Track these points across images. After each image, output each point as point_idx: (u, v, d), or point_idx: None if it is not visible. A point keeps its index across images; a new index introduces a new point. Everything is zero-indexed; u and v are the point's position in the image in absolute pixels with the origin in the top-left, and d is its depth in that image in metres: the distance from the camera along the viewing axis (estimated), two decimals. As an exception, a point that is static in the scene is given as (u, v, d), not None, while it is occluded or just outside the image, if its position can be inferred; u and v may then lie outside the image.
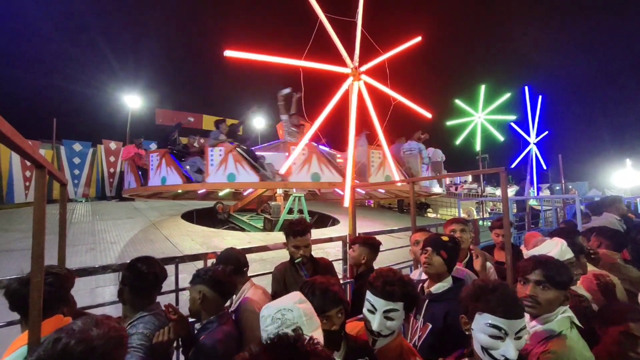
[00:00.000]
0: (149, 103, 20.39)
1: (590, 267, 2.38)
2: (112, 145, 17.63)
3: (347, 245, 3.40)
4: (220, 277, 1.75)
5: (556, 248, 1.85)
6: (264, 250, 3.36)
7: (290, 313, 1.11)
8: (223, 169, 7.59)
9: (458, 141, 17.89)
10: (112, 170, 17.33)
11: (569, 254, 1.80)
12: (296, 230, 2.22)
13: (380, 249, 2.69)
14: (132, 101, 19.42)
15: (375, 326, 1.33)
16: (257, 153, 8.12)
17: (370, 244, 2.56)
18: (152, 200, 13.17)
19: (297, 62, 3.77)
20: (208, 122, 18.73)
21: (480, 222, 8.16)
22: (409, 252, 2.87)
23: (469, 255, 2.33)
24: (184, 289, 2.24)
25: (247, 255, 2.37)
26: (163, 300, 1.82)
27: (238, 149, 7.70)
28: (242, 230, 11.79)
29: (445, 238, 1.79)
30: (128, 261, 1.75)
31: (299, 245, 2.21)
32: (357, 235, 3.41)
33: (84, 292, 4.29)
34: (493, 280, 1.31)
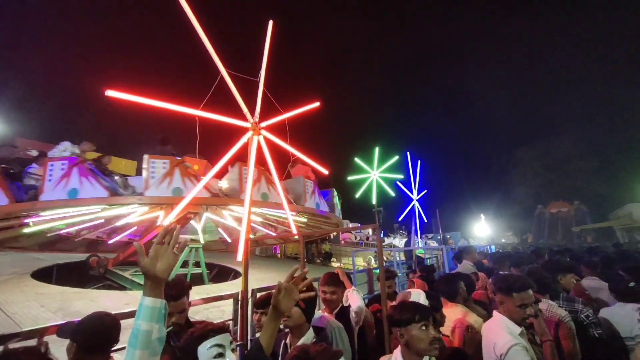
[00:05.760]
0: (8, 131, 16.52)
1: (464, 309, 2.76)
2: None
3: (239, 303, 3.16)
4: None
5: (421, 297, 2.16)
6: (137, 315, 2.81)
7: None
8: (64, 184, 6.45)
9: (357, 195, 20.11)
10: None
11: (426, 302, 2.09)
12: (168, 295, 1.92)
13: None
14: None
15: None
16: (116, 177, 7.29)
17: (257, 304, 2.33)
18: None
19: (193, 111, 3.62)
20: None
21: (376, 271, 8.81)
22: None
23: (340, 306, 2.42)
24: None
25: (124, 322, 1.91)
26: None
27: (86, 163, 6.78)
28: (122, 288, 9.77)
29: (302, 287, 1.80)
30: None
31: (171, 312, 1.92)
32: (250, 290, 3.23)
33: None
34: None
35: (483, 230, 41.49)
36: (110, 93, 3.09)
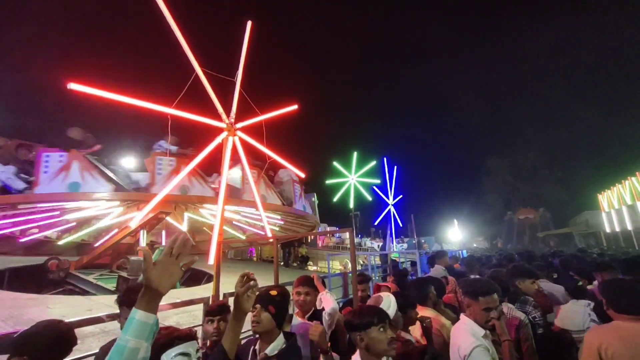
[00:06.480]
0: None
1: (434, 312, 2.83)
2: None
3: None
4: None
5: (392, 299, 2.19)
6: (97, 322, 2.63)
7: None
8: (63, 177, 6.14)
9: (335, 199, 20.30)
10: None
11: (396, 305, 2.13)
12: (132, 300, 1.83)
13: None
14: None
15: None
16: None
17: (211, 311, 2.30)
18: None
19: (165, 109, 3.48)
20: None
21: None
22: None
23: (313, 310, 2.41)
24: None
25: (83, 329, 1.78)
26: None
27: (87, 156, 6.53)
28: (85, 293, 9.18)
29: (273, 292, 1.76)
30: None
31: None
32: (222, 295, 3.13)
33: None
34: None
35: (456, 235, 43.08)
36: (73, 86, 2.89)
